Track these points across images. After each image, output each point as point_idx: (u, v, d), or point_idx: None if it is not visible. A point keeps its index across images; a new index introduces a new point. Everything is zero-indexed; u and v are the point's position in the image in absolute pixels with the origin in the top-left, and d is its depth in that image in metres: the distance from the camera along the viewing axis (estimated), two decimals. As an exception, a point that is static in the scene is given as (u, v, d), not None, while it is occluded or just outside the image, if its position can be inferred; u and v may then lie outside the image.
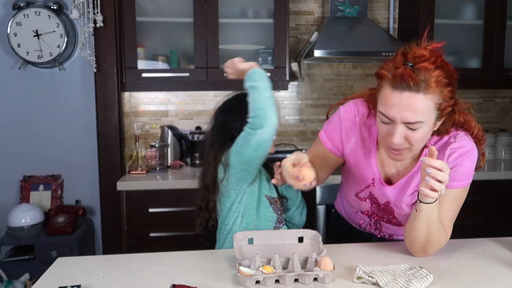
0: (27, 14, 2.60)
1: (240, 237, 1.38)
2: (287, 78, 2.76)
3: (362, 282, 1.17)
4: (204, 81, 2.72)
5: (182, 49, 2.81)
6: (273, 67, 2.76)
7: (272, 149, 1.54)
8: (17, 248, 2.61)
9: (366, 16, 2.89)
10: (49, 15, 2.62)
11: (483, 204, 2.65)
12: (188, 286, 1.11)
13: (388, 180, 1.43)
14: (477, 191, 2.66)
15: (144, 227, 2.50)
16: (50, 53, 2.64)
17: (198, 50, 2.69)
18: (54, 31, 2.63)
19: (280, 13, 2.72)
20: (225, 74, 1.65)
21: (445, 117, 1.26)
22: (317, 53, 2.63)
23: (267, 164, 1.65)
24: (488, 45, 2.89)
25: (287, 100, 3.12)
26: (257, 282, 1.17)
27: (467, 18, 2.96)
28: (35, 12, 2.61)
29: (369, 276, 1.16)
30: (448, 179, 1.16)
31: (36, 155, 2.80)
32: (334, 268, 1.17)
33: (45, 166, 2.82)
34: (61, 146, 2.82)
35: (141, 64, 2.71)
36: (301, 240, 1.41)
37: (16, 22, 2.60)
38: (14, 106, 2.77)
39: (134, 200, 2.49)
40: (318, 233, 1.39)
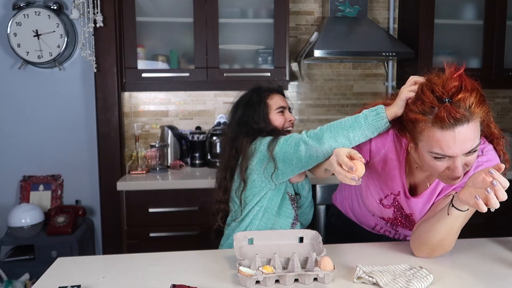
0: (27, 14, 2.60)
1: (240, 237, 1.38)
2: (287, 78, 2.76)
3: (362, 282, 1.17)
4: (204, 81, 2.72)
5: (182, 49, 2.81)
6: (273, 67, 2.76)
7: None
8: (17, 248, 2.61)
9: (366, 16, 2.89)
10: (49, 15, 2.62)
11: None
12: (188, 286, 1.11)
13: (412, 189, 1.41)
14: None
15: (144, 227, 2.50)
16: (50, 53, 2.64)
17: (198, 50, 2.69)
18: (54, 31, 2.63)
19: (280, 13, 2.72)
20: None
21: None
22: (317, 53, 2.63)
23: None
24: (488, 45, 2.89)
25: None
26: (257, 282, 1.17)
27: (467, 18, 2.96)
28: (35, 12, 2.61)
29: (369, 276, 1.16)
30: (506, 199, 1.11)
31: (36, 155, 2.81)
32: (334, 268, 1.17)
33: (45, 166, 2.82)
34: (61, 146, 2.82)
35: (141, 64, 2.71)
36: (301, 240, 1.41)
37: (16, 22, 2.60)
38: (14, 106, 2.77)
39: (134, 200, 2.49)
40: (318, 233, 1.39)
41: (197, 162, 2.88)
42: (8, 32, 2.60)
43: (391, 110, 1.32)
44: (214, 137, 2.84)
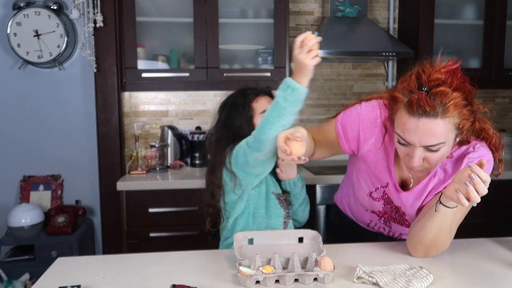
0: (27, 14, 2.60)
1: (240, 237, 1.38)
2: (287, 78, 2.76)
3: (362, 282, 1.17)
4: (204, 81, 2.72)
5: (182, 49, 2.81)
6: (273, 67, 2.76)
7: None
8: (17, 248, 2.61)
9: (366, 16, 2.89)
10: (49, 15, 2.62)
11: (483, 204, 2.64)
12: (188, 286, 1.11)
13: (403, 183, 1.42)
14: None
15: (144, 227, 2.50)
16: (50, 53, 2.64)
17: (198, 50, 2.69)
18: (54, 31, 2.63)
19: (280, 13, 2.72)
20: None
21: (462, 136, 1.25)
22: (317, 53, 2.63)
23: None
24: (488, 45, 2.89)
25: (287, 100, 3.12)
26: (257, 282, 1.17)
27: (467, 18, 2.96)
28: (35, 12, 2.61)
29: (369, 276, 1.16)
30: (486, 193, 1.12)
31: (36, 155, 2.81)
32: (334, 268, 1.17)
33: (45, 166, 2.82)
34: (61, 146, 2.82)
35: (141, 64, 2.71)
36: (301, 240, 1.41)
37: (16, 22, 2.60)
38: (14, 106, 2.77)
39: (134, 200, 2.49)
40: (318, 233, 1.38)
41: (197, 162, 2.88)
42: (8, 32, 2.60)
43: (301, 79, 1.33)
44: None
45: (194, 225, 2.49)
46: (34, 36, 2.62)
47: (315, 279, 1.18)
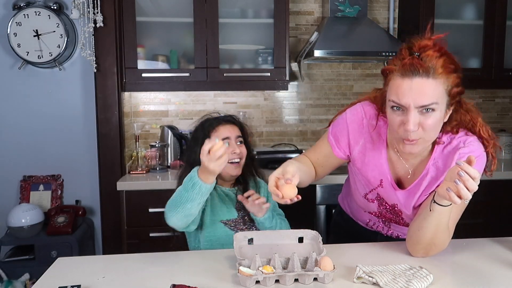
0: (27, 14, 2.61)
1: (240, 237, 1.38)
2: (287, 78, 2.76)
3: (362, 282, 1.17)
4: (204, 81, 2.72)
5: (182, 49, 2.81)
6: (273, 67, 2.76)
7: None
8: (17, 248, 2.61)
9: (366, 16, 2.89)
10: (49, 15, 2.62)
11: (483, 204, 2.65)
12: (188, 286, 1.11)
13: (399, 182, 1.42)
14: (477, 191, 2.67)
15: (144, 227, 2.50)
16: (50, 53, 2.65)
17: (198, 50, 2.69)
18: (54, 31, 2.63)
19: (280, 13, 2.72)
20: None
21: (452, 111, 1.27)
22: (317, 53, 2.63)
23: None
24: (488, 45, 2.89)
25: (287, 100, 3.12)
26: (257, 282, 1.17)
27: (467, 18, 2.96)
28: (35, 12, 2.61)
29: (369, 276, 1.16)
30: (476, 190, 1.13)
31: (36, 155, 2.81)
32: (334, 268, 1.17)
33: (45, 166, 2.82)
34: (61, 146, 2.82)
35: (141, 64, 2.71)
36: (301, 240, 1.41)
37: (16, 22, 2.60)
38: (14, 106, 2.77)
39: (134, 200, 2.49)
40: (318, 233, 1.39)
41: (197, 162, 2.88)
42: (8, 32, 2.60)
43: (207, 176, 1.37)
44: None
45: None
46: (34, 36, 2.62)
47: (315, 279, 1.18)
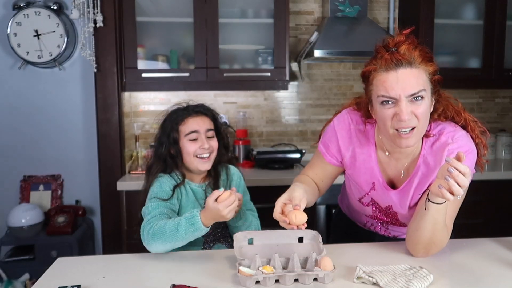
0: (27, 14, 2.61)
1: (240, 237, 1.38)
2: (287, 78, 2.76)
3: (362, 282, 1.17)
4: (204, 81, 2.72)
5: (182, 49, 2.81)
6: (273, 67, 2.76)
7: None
8: (17, 248, 2.61)
9: (366, 16, 2.88)
10: (49, 15, 2.62)
11: (483, 204, 2.65)
12: (188, 286, 1.11)
13: (390, 183, 1.43)
14: (477, 191, 2.67)
15: (144, 227, 2.50)
16: (50, 53, 2.65)
17: (198, 50, 2.69)
18: (54, 31, 2.63)
19: (280, 13, 2.72)
20: None
21: (435, 100, 1.30)
22: (317, 53, 2.63)
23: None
24: (488, 45, 2.89)
25: (287, 100, 3.12)
26: (257, 282, 1.17)
27: (467, 18, 2.96)
28: (35, 12, 2.61)
29: (369, 276, 1.16)
30: (468, 185, 1.14)
31: (36, 155, 2.81)
32: (334, 268, 1.17)
33: (45, 166, 2.82)
34: (61, 146, 2.82)
35: (141, 64, 2.71)
36: (301, 240, 1.41)
37: (16, 22, 2.60)
38: (14, 106, 2.77)
39: (134, 200, 2.49)
40: (318, 233, 1.39)
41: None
42: (8, 32, 2.60)
43: (209, 221, 1.34)
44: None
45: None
46: (34, 36, 2.62)
47: (315, 279, 1.18)
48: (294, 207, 1.26)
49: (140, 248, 1.46)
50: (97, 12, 2.49)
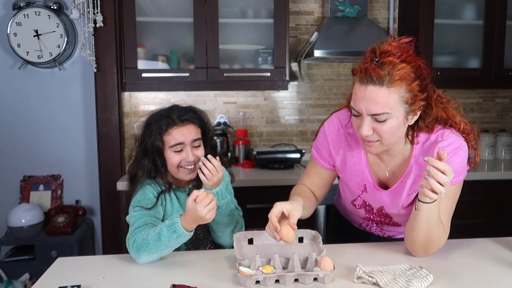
0: (27, 14, 2.60)
1: (240, 237, 1.38)
2: (287, 78, 2.76)
3: (362, 282, 1.17)
4: (204, 81, 2.72)
5: (182, 49, 2.81)
6: (273, 67, 2.76)
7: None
8: (17, 248, 2.61)
9: (366, 16, 2.88)
10: (49, 15, 2.62)
11: (483, 204, 2.65)
12: (188, 286, 1.11)
13: (382, 184, 1.43)
14: (477, 191, 2.68)
15: (144, 227, 2.50)
16: (50, 53, 2.64)
17: (198, 50, 2.69)
18: (54, 31, 2.63)
19: (280, 13, 2.72)
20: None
21: (422, 112, 1.28)
22: (317, 53, 2.63)
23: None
24: (488, 45, 2.89)
25: (287, 100, 3.12)
26: (257, 282, 1.17)
27: (467, 18, 2.96)
28: (35, 12, 2.61)
29: (369, 276, 1.16)
30: (449, 183, 1.16)
31: (36, 155, 2.80)
32: (334, 268, 1.18)
33: (45, 166, 2.82)
34: (61, 146, 2.82)
35: (141, 64, 2.71)
36: (301, 240, 1.41)
37: (16, 22, 2.60)
38: (14, 106, 2.77)
39: (134, 200, 2.49)
40: (318, 233, 1.39)
41: (197, 162, 2.88)
42: (8, 32, 2.60)
43: (191, 225, 1.31)
44: (214, 137, 2.84)
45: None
46: (34, 36, 2.62)
47: (315, 279, 1.18)
48: (291, 225, 1.25)
49: (140, 248, 1.45)
50: (97, 12, 2.49)
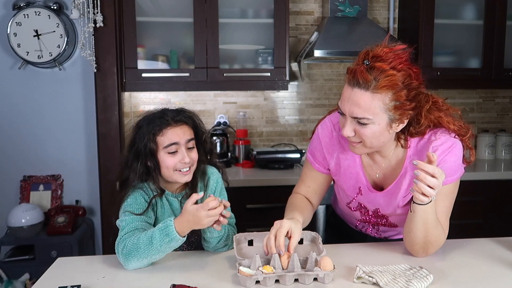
0: (27, 14, 2.60)
1: (240, 239, 1.38)
2: (287, 78, 2.76)
3: (362, 282, 1.17)
4: (204, 81, 2.72)
5: (182, 49, 2.81)
6: (273, 67, 2.76)
7: None
8: (17, 248, 2.61)
9: (366, 16, 2.88)
10: (49, 15, 2.62)
11: (483, 204, 2.65)
12: (188, 286, 1.11)
13: (377, 186, 1.43)
14: (477, 191, 2.68)
15: (144, 227, 2.50)
16: (50, 53, 2.64)
17: (198, 50, 2.69)
18: (54, 31, 2.63)
19: (280, 13, 2.72)
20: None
21: (411, 120, 1.27)
22: (317, 53, 2.63)
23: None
24: (488, 45, 2.89)
25: (287, 100, 3.12)
26: (257, 282, 1.17)
27: (467, 18, 2.96)
28: (35, 12, 2.61)
29: (369, 276, 1.16)
30: (440, 185, 1.16)
31: (36, 155, 2.80)
32: (334, 268, 1.18)
33: (45, 166, 2.82)
34: (61, 146, 2.82)
35: (141, 64, 2.71)
36: (301, 242, 1.41)
37: (16, 22, 2.60)
38: (14, 106, 2.77)
39: (134, 200, 2.48)
40: (318, 234, 1.39)
41: (197, 162, 2.88)
42: (8, 32, 2.60)
43: (185, 229, 1.27)
44: (214, 137, 2.84)
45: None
46: (34, 36, 2.62)
47: (315, 279, 1.18)
48: (289, 249, 1.24)
49: (140, 248, 1.45)
50: (97, 12, 2.49)
